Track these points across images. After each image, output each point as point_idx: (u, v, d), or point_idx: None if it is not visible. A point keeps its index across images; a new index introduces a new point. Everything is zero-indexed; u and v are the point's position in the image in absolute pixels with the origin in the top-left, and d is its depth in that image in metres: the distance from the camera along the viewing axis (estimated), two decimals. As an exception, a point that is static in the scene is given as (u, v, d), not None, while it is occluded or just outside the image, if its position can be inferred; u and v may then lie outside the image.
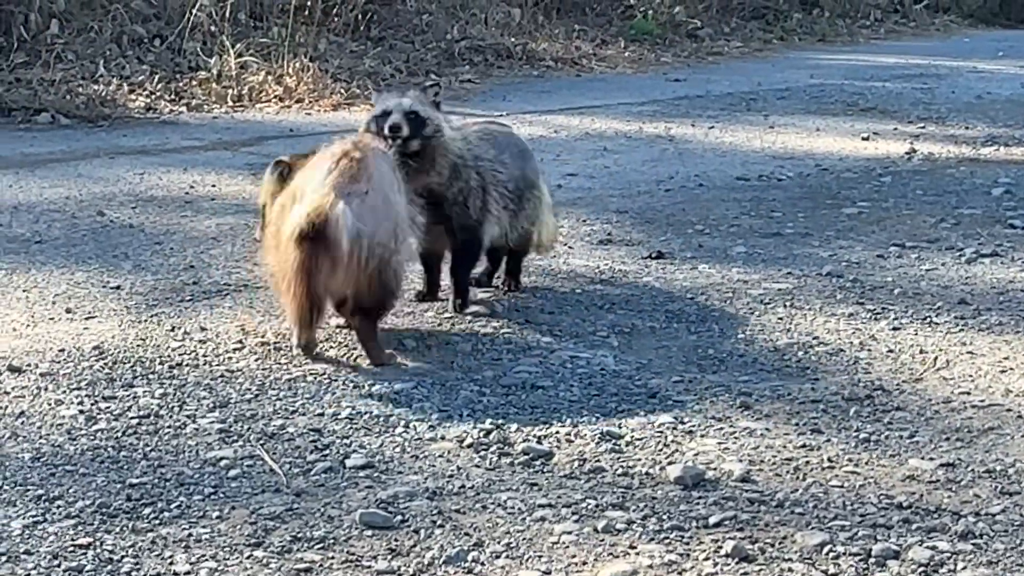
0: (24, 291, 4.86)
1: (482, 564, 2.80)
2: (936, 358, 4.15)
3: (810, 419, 3.63)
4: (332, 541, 2.89)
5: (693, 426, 3.57)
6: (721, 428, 3.56)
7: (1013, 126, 9.17)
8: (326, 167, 4.11)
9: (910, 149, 8.02)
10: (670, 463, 3.30)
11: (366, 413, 3.64)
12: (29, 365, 4.00)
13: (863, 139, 8.53)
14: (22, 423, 3.54)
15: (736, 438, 3.49)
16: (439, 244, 4.69)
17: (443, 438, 3.48)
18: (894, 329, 4.44)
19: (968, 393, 3.84)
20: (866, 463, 3.33)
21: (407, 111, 4.55)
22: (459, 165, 4.61)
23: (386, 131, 4.53)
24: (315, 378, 3.92)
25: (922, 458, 3.36)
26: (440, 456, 3.36)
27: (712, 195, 6.73)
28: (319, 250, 3.89)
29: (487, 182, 4.68)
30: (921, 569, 2.79)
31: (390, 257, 4.07)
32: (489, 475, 3.25)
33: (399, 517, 3.00)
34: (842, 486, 3.19)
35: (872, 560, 2.82)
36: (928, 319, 4.56)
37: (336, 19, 11.66)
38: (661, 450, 3.41)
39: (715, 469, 3.27)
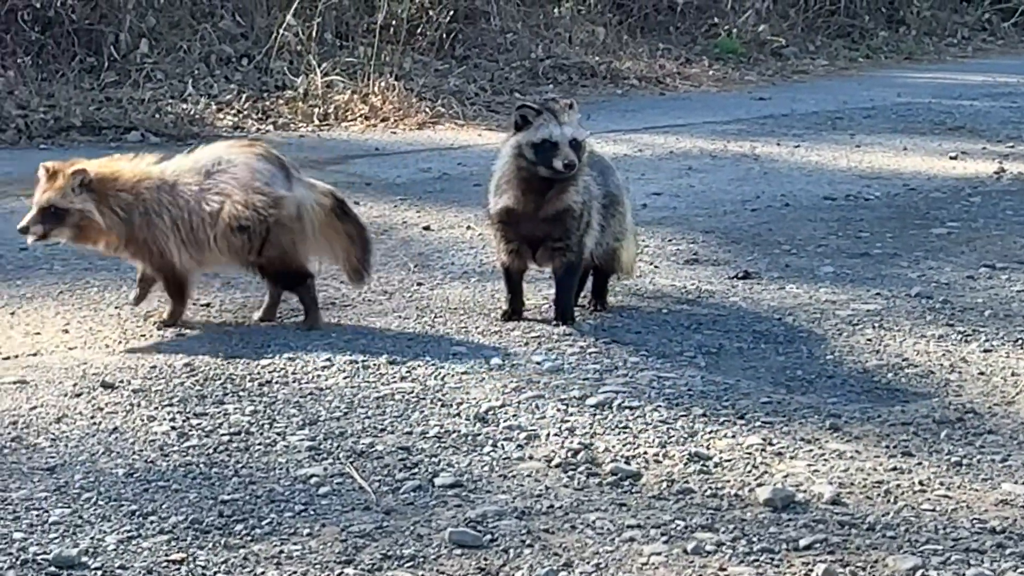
0: (116, 308, 4.93)
1: (573, 586, 2.81)
2: (1028, 381, 4.11)
3: (900, 442, 3.59)
4: (422, 560, 2.90)
5: (782, 448, 3.55)
6: (810, 450, 3.54)
7: (1105, 145, 9.06)
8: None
9: (999, 169, 7.94)
10: (759, 485, 3.29)
11: (454, 432, 3.65)
12: (122, 381, 4.04)
13: (951, 158, 8.45)
14: (115, 439, 3.59)
15: (826, 460, 3.46)
16: (522, 262, 4.71)
17: (531, 457, 3.48)
18: (985, 351, 4.40)
19: (1062, 416, 3.80)
20: (958, 487, 3.30)
21: (571, 140, 4.53)
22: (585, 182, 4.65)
23: (560, 167, 4.48)
24: (403, 396, 3.94)
25: (1015, 482, 3.32)
26: (528, 475, 3.36)
27: (798, 215, 6.69)
28: None
29: (592, 196, 4.70)
30: (1016, 596, 2.76)
31: None
32: (578, 495, 3.24)
33: (488, 536, 3.01)
34: (934, 510, 3.16)
35: (965, 586, 2.80)
36: (1020, 341, 4.50)
37: (421, 38, 11.72)
38: (750, 471, 3.39)
39: (805, 491, 3.25)
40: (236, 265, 4.83)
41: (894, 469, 3.40)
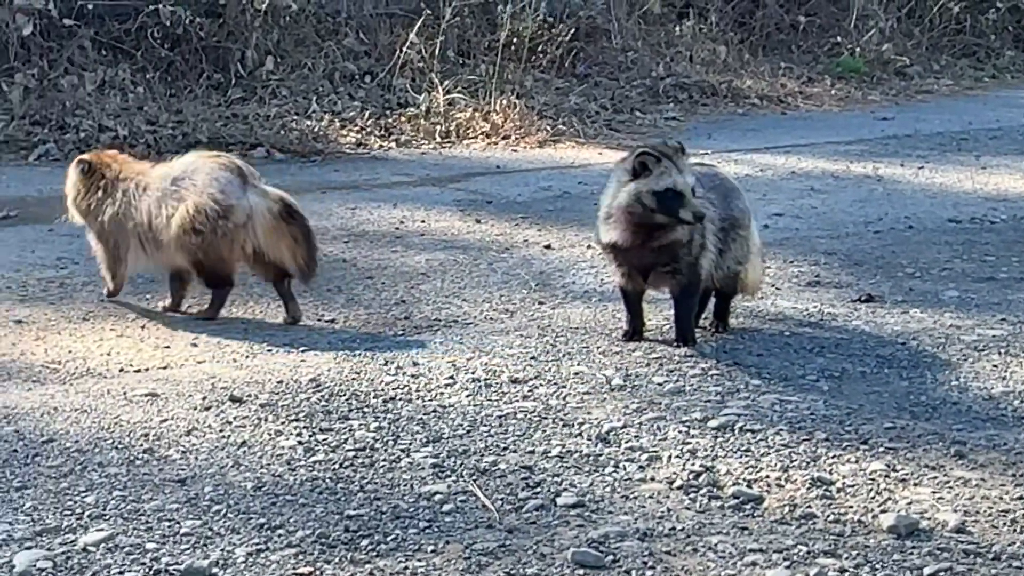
0: (243, 323, 5.01)
1: (695, 607, 2.82)
2: None
3: (1027, 470, 3.56)
4: (546, 579, 2.93)
5: (906, 474, 3.52)
6: (935, 477, 3.51)
7: None
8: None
9: None
10: (883, 511, 3.27)
11: (576, 452, 3.67)
12: (249, 396, 4.11)
13: (1083, 180, 8.33)
14: (243, 452, 3.65)
15: (950, 488, 3.43)
16: (637, 285, 4.72)
17: (653, 479, 3.49)
18: (1116, 380, 4.34)
19: None
20: (1088, 517, 3.27)
21: (692, 188, 4.52)
22: None
23: (690, 219, 4.47)
24: (525, 415, 3.96)
25: None
26: (650, 497, 3.37)
27: (923, 237, 6.62)
28: None
29: (706, 219, 4.64)
30: None
31: None
32: (699, 518, 3.24)
33: (610, 557, 3.02)
34: (1063, 540, 3.14)
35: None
36: None
37: (542, 56, 11.75)
38: (873, 498, 3.37)
39: (929, 519, 3.22)
40: (186, 264, 5.17)
41: (1020, 498, 3.36)
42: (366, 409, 4.01)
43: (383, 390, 4.19)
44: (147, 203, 5.18)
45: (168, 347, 4.68)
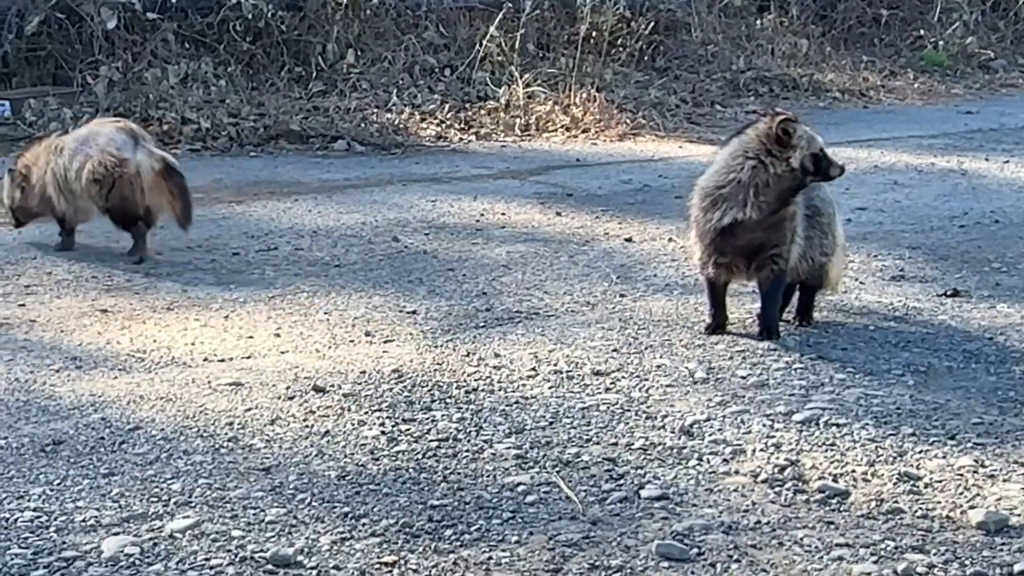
0: (326, 313, 5.02)
1: (780, 601, 2.81)
2: None
3: (1121, 467, 3.51)
4: (629, 571, 2.91)
5: (995, 470, 3.47)
6: (1024, 471, 3.47)
7: None
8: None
9: None
10: (971, 507, 3.23)
11: (659, 444, 3.65)
12: (332, 386, 4.12)
13: None
14: (327, 442, 3.66)
15: (1041, 484, 3.40)
16: (729, 275, 4.69)
17: (737, 472, 3.47)
18: None
19: None
20: None
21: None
22: None
23: (837, 174, 4.64)
24: (608, 407, 3.95)
25: None
26: (734, 490, 3.35)
27: (1009, 232, 6.54)
28: None
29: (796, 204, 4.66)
30: None
31: None
32: (784, 511, 3.22)
33: (695, 550, 3.00)
34: None
35: None
36: None
37: (622, 50, 11.73)
38: (961, 493, 3.33)
39: (1019, 515, 3.17)
40: (96, 210, 6.12)
41: (1115, 495, 3.33)
42: (448, 400, 4.01)
43: (465, 381, 4.19)
44: (62, 161, 6.11)
45: (251, 337, 4.70)
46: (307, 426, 3.77)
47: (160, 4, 10.16)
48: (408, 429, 3.76)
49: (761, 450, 3.61)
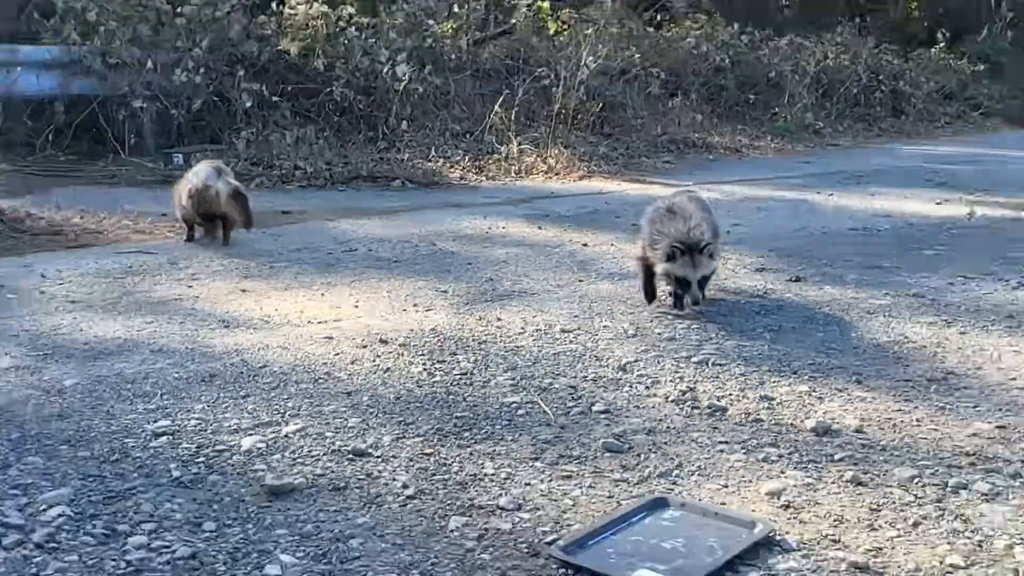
0: (387, 292, 5.03)
1: (682, 479, 2.81)
2: (991, 353, 3.96)
3: (903, 392, 3.50)
4: (584, 458, 2.92)
5: (823, 394, 3.48)
6: (842, 395, 3.46)
7: (1044, 196, 8.73)
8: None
9: (970, 211, 7.66)
10: (807, 417, 3.24)
11: (604, 377, 3.66)
12: (391, 339, 4.12)
13: (937, 204, 8.20)
14: (388, 375, 3.66)
15: (852, 403, 3.39)
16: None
17: (655, 395, 3.47)
18: (961, 333, 4.26)
19: (1015, 379, 3.65)
20: (943, 423, 3.21)
21: (700, 279, 4.32)
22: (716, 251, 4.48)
23: (691, 301, 4.42)
24: (571, 353, 3.95)
25: (982, 421, 3.22)
26: (653, 407, 3.36)
27: (832, 240, 6.55)
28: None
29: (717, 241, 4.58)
30: (983, 496, 2.68)
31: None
32: (685, 420, 3.23)
33: (627, 445, 3.02)
34: (927, 438, 3.08)
35: (948, 489, 2.73)
36: (985, 327, 4.36)
37: (581, 121, 11.74)
38: (801, 409, 3.33)
39: (838, 423, 3.19)
40: (195, 215, 6.34)
41: (899, 410, 3.33)
42: (467, 348, 4.02)
43: (478, 336, 4.20)
44: (179, 186, 6.43)
45: (339, 307, 4.70)
46: (375, 365, 3.77)
47: (280, 90, 10.15)
48: (441, 367, 3.76)
49: (670, 381, 3.62)
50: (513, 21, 13.03)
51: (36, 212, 6.98)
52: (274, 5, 11.10)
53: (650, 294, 4.68)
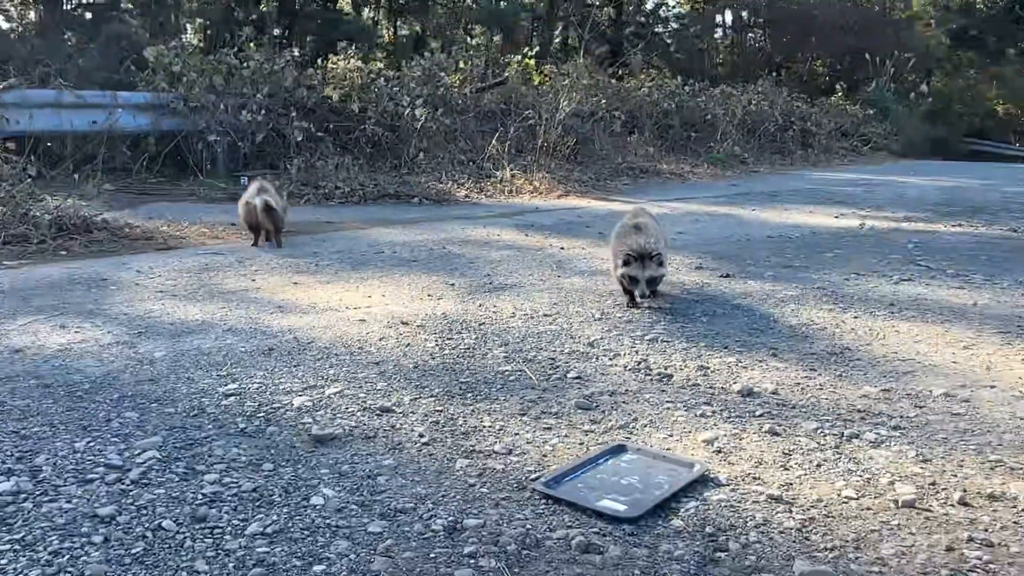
0: (408, 285, 5.00)
1: (637, 430, 2.80)
2: (877, 333, 3.97)
3: (809, 363, 3.51)
4: (561, 414, 2.92)
5: (747, 364, 3.48)
6: (761, 365, 3.47)
7: (918, 211, 8.71)
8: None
9: (861, 223, 7.68)
10: (735, 382, 3.23)
11: (577, 351, 3.65)
12: (411, 321, 4.11)
13: (835, 217, 8.20)
14: (408, 349, 3.65)
15: (769, 371, 3.39)
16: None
17: (616, 365, 3.46)
18: (854, 317, 4.27)
19: (896, 352, 3.67)
20: (840, 387, 3.22)
21: (648, 279, 4.18)
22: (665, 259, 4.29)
23: (640, 296, 4.25)
24: (551, 332, 3.94)
25: (870, 386, 3.22)
26: (615, 374, 3.35)
27: (755, 245, 6.55)
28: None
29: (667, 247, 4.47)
30: (871, 443, 2.68)
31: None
32: (640, 385, 3.22)
33: (595, 404, 3.01)
34: (827, 398, 3.09)
35: (844, 438, 2.73)
36: (872, 313, 4.37)
37: (560, 152, 11.73)
38: (730, 375, 3.33)
39: (759, 387, 3.19)
40: (246, 225, 6.29)
41: (805, 376, 3.33)
42: (470, 328, 4.00)
43: (478, 318, 4.18)
44: (240, 201, 6.35)
45: (370, 296, 4.68)
46: (398, 341, 3.76)
47: (324, 127, 10.11)
48: (449, 343, 3.75)
49: (628, 354, 3.61)
50: (506, 74, 13.00)
51: (133, 222, 6.94)
52: (319, 60, 11.06)
53: (632, 301, 4.42)
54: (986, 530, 2.17)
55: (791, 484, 2.40)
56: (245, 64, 10.12)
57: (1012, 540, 2.12)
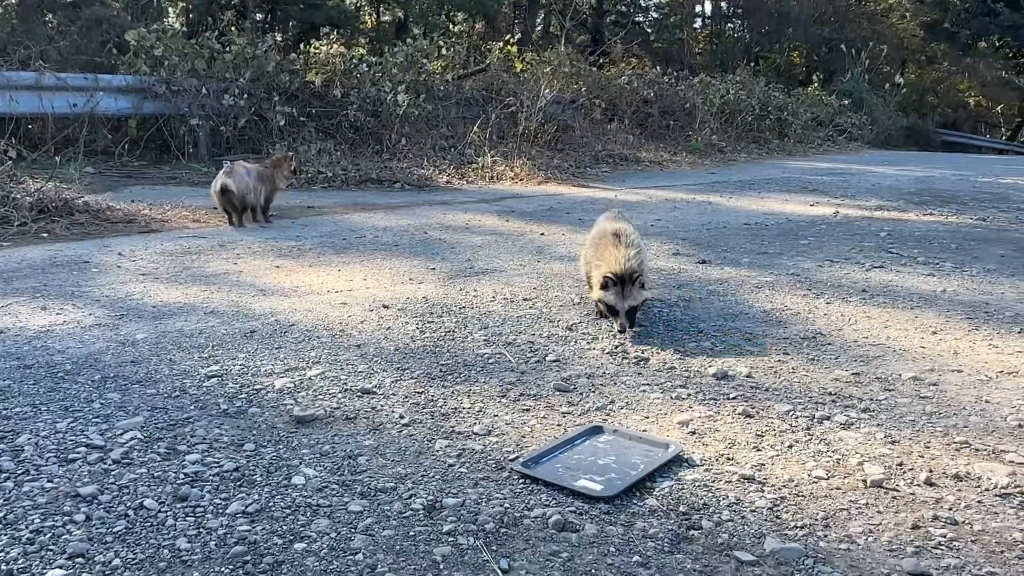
0: (389, 269, 4.99)
1: (614, 412, 2.81)
2: (849, 319, 4.01)
3: (782, 347, 3.53)
4: (539, 396, 2.92)
5: (722, 349, 3.51)
6: (736, 350, 3.49)
7: (891, 200, 8.77)
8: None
9: (835, 211, 7.74)
10: (710, 366, 3.25)
11: (556, 334, 3.66)
12: (392, 304, 4.10)
13: (810, 205, 8.25)
14: (389, 332, 3.64)
15: (743, 355, 3.42)
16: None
17: (594, 348, 3.48)
18: (827, 303, 4.31)
19: (867, 337, 3.70)
20: (812, 371, 3.25)
21: (628, 309, 3.55)
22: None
23: (616, 330, 3.59)
24: (530, 316, 3.95)
25: (842, 369, 3.26)
26: (592, 357, 3.36)
27: (731, 232, 6.58)
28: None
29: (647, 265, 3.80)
30: (841, 425, 2.72)
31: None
32: (617, 368, 3.24)
33: (572, 386, 3.02)
34: (800, 381, 3.12)
35: (815, 419, 2.76)
36: (845, 298, 4.41)
37: (540, 139, 11.70)
38: (705, 359, 3.35)
39: (733, 370, 3.21)
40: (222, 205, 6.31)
41: (779, 360, 3.36)
42: (451, 312, 4.00)
43: (459, 302, 4.18)
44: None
45: (351, 280, 4.67)
46: (379, 324, 3.76)
47: (307, 112, 10.04)
48: (430, 326, 3.75)
49: (606, 338, 3.62)
50: (488, 61, 12.94)
51: (114, 205, 6.87)
52: (301, 45, 10.96)
53: (615, 323, 3.68)
54: (951, 509, 2.20)
55: (763, 464, 2.43)
56: (227, 48, 10.01)
57: (976, 518, 2.16)
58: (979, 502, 2.25)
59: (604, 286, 3.58)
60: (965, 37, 25.39)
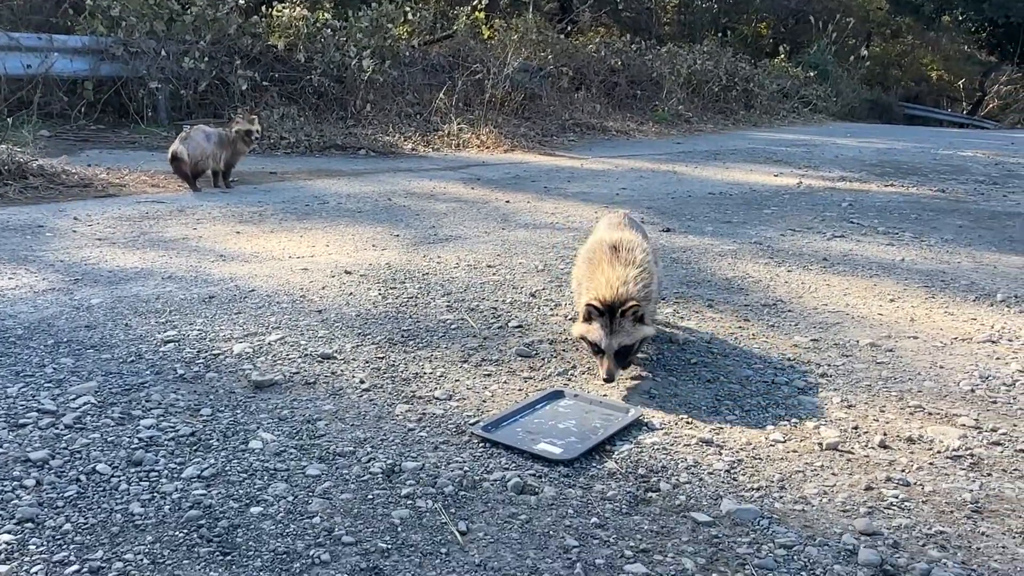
0: (352, 235, 4.94)
1: (575, 377, 2.81)
2: (810, 287, 4.05)
3: (743, 314, 3.56)
4: (502, 361, 2.91)
5: (684, 314, 3.52)
6: (698, 315, 3.51)
7: (853, 171, 8.85)
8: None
9: (799, 181, 7.79)
10: (673, 333, 3.27)
11: (519, 301, 3.65)
12: (354, 270, 4.06)
13: (774, 176, 8.29)
14: (351, 298, 3.61)
15: (705, 321, 3.43)
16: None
17: (555, 315, 3.47)
18: (788, 271, 4.34)
19: (826, 305, 3.74)
20: (772, 337, 3.27)
21: (618, 348, 2.62)
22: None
23: (603, 377, 2.63)
24: (494, 283, 3.93)
25: (801, 336, 3.29)
26: (554, 323, 3.35)
27: (696, 201, 6.60)
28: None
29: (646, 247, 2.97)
30: (799, 390, 2.74)
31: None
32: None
33: (534, 351, 3.01)
34: (760, 347, 3.14)
35: (773, 384, 2.78)
36: (806, 267, 4.44)
37: (507, 107, 11.61)
38: (667, 324, 3.37)
39: (696, 336, 3.23)
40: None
41: (740, 327, 3.38)
42: (414, 279, 3.97)
43: (422, 268, 4.15)
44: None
45: (314, 246, 4.61)
46: (341, 290, 3.72)
47: (269, 76, 9.85)
48: (392, 292, 3.72)
49: (568, 304, 3.62)
50: (455, 27, 12.78)
51: (70, 169, 6.70)
52: (264, 8, 10.73)
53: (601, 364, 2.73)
54: (903, 471, 2.24)
55: (722, 428, 2.45)
56: (187, 9, 9.76)
57: (927, 480, 2.19)
58: (931, 464, 2.28)
59: (587, 317, 2.66)
60: (929, 11, 25.58)
